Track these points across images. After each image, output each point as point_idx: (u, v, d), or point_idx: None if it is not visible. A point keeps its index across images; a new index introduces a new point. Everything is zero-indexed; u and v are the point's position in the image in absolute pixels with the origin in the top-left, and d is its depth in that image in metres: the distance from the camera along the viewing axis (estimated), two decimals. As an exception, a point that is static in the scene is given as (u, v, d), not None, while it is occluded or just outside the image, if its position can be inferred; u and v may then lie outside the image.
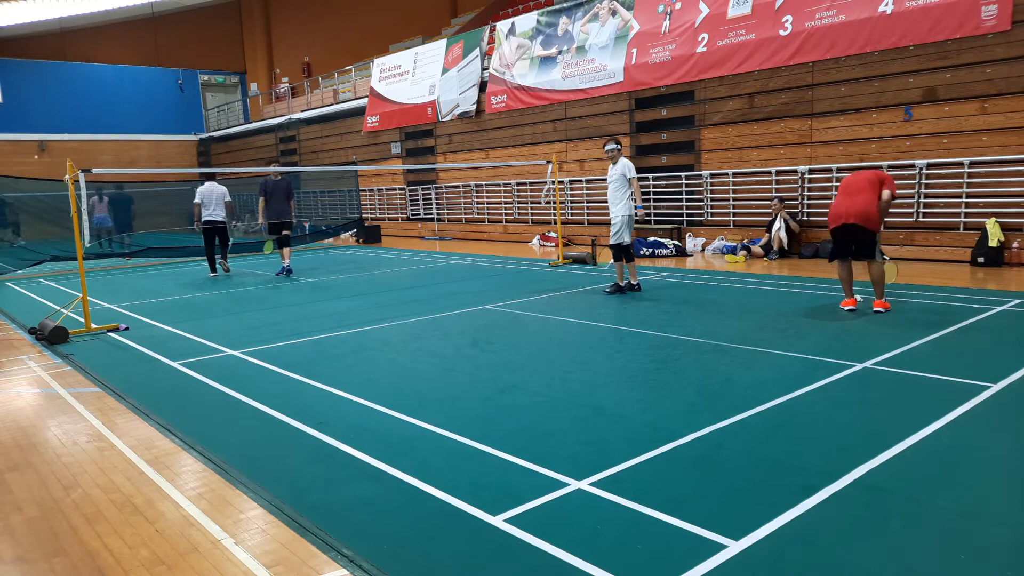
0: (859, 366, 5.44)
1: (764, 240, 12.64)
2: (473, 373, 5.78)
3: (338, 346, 6.96)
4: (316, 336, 7.44)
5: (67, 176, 8.07)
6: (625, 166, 9.07)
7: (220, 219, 13.03)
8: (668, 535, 3.07)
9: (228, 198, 13.27)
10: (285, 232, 12.83)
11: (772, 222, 12.61)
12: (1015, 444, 3.94)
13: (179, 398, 5.52)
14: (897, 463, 3.69)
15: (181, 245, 16.87)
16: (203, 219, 12.86)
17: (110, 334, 8.05)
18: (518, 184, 18.36)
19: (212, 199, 12.89)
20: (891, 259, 8.05)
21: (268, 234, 13.11)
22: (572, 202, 17.04)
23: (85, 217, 8.09)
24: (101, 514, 3.57)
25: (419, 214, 21.98)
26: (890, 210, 11.55)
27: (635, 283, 9.25)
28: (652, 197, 15.25)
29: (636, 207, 9.07)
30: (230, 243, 13.83)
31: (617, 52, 15.49)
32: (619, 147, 9.20)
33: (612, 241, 9.13)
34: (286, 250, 12.97)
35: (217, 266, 13.29)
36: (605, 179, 15.89)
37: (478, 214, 19.79)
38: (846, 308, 7.46)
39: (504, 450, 4.07)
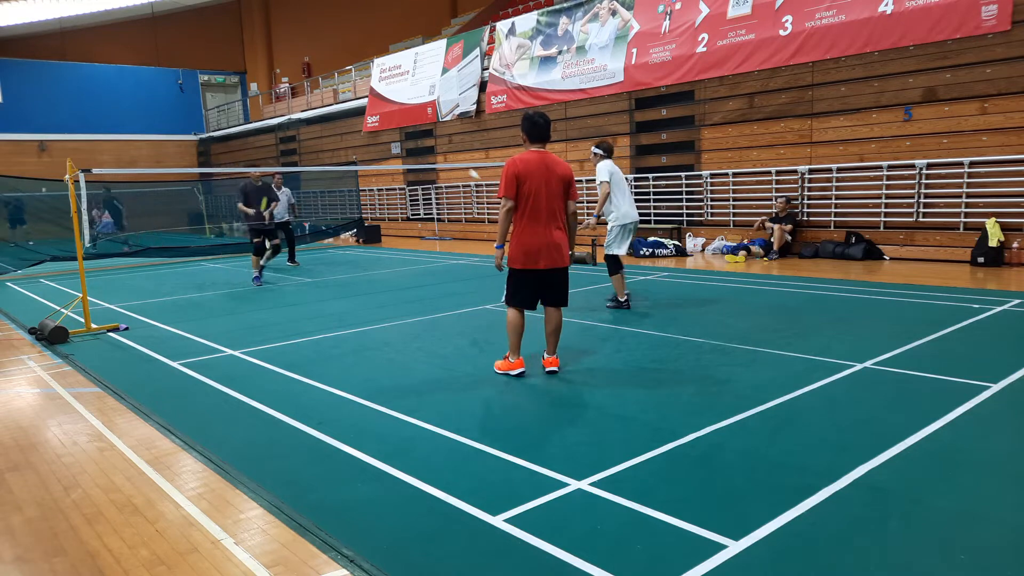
0: (859, 366, 5.44)
1: (767, 227, 12.62)
2: (473, 373, 5.78)
3: (338, 346, 6.95)
4: (316, 336, 7.44)
5: (67, 176, 8.07)
6: (598, 170, 7.93)
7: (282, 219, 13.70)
8: (668, 535, 3.06)
9: (293, 199, 14.21)
10: (275, 241, 12.31)
11: (776, 220, 12.63)
12: (1015, 444, 3.93)
13: (179, 398, 5.52)
14: (897, 463, 3.68)
15: (181, 245, 16.88)
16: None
17: (110, 334, 8.05)
18: (518, 184, 18.32)
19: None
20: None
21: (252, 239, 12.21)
22: (572, 202, 17.02)
23: (85, 217, 8.10)
24: (101, 514, 3.57)
25: (419, 214, 21.98)
26: (887, 210, 11.73)
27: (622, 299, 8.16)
28: (652, 197, 15.25)
29: (594, 216, 7.97)
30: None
31: (617, 52, 15.49)
32: (597, 151, 7.98)
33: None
34: (254, 258, 12.20)
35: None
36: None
37: (478, 214, 19.79)
38: (517, 372, 5.53)
39: (504, 450, 4.06)
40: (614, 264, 8.05)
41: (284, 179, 14.56)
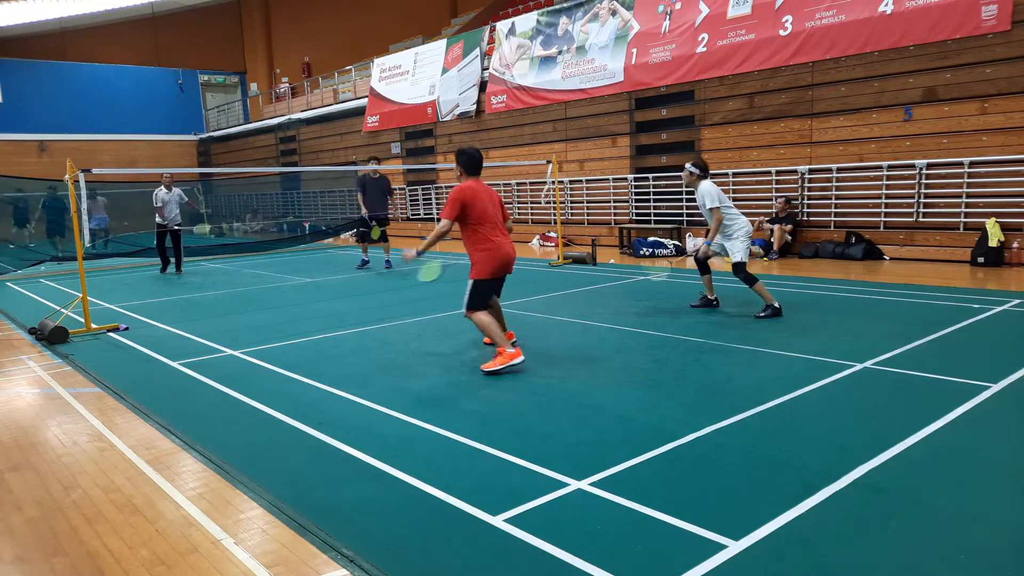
0: (859, 366, 5.44)
1: (767, 228, 12.62)
2: (473, 373, 5.78)
3: (338, 346, 6.96)
4: (316, 336, 7.44)
5: (67, 176, 8.06)
6: (703, 194, 7.48)
7: None
8: (668, 535, 3.06)
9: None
10: (382, 228, 13.13)
11: (775, 220, 12.63)
12: (1015, 444, 3.93)
13: (179, 398, 5.52)
14: (897, 463, 3.68)
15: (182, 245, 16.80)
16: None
17: (110, 334, 8.05)
18: (518, 184, 18.35)
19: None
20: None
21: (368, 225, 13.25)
22: (572, 202, 17.04)
23: (85, 217, 8.09)
24: (101, 514, 3.57)
25: (419, 214, 21.98)
26: (887, 210, 11.72)
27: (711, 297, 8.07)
28: (652, 197, 15.25)
29: (706, 243, 7.55)
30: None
31: (617, 52, 15.49)
32: (694, 171, 7.60)
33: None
34: (385, 244, 13.31)
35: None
36: (605, 179, 16.15)
37: (478, 214, 19.75)
38: (519, 361, 5.75)
39: (504, 450, 4.06)
40: (749, 275, 7.58)
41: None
